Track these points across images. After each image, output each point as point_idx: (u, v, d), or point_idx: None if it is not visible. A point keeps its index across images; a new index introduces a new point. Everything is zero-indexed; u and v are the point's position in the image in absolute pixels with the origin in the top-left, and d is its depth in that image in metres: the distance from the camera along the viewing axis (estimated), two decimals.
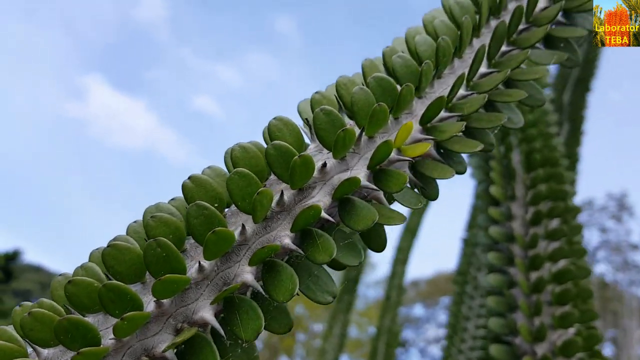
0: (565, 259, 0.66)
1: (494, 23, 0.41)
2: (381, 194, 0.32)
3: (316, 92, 0.33)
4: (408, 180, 0.32)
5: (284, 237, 0.29)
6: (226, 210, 0.30)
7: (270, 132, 0.31)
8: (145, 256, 0.27)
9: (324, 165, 0.30)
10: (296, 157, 0.28)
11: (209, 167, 0.31)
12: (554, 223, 0.68)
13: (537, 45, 0.43)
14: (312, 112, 0.31)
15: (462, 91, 0.37)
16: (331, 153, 0.31)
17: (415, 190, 0.34)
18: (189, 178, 0.29)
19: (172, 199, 0.31)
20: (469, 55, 0.38)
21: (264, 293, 0.28)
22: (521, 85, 0.40)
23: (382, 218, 0.30)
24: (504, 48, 0.40)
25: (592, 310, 0.62)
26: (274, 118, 0.31)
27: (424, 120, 0.33)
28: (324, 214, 0.29)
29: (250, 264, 0.28)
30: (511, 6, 0.42)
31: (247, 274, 0.28)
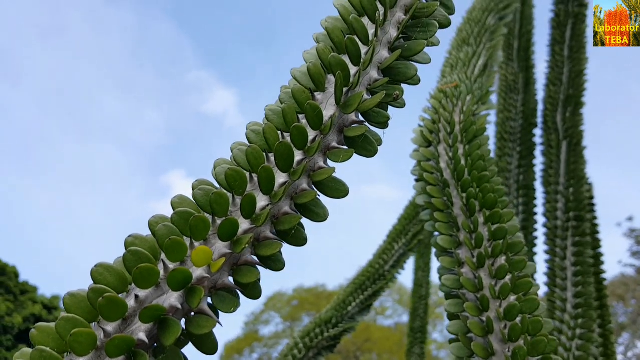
0: (513, 294, 0.65)
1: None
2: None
3: (130, 235, 0.38)
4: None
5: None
6: None
7: (93, 277, 0.36)
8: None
9: (137, 296, 0.35)
10: (108, 294, 0.33)
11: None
12: (500, 261, 0.68)
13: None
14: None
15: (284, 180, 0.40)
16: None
17: (234, 294, 0.37)
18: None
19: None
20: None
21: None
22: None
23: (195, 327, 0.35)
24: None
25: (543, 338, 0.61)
26: (96, 265, 0.36)
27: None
28: (141, 336, 0.34)
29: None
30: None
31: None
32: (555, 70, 1.59)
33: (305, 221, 0.41)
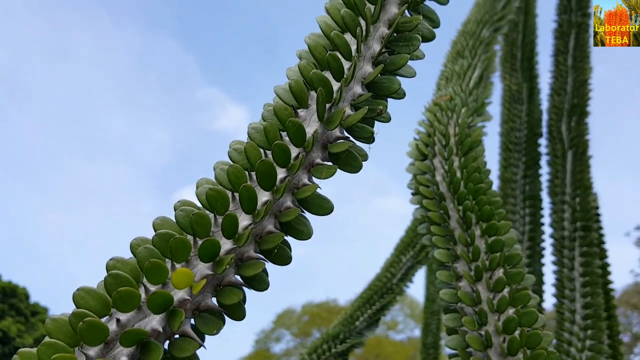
0: (512, 307, 0.64)
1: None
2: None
3: (111, 258, 0.38)
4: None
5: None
6: None
7: (74, 301, 0.36)
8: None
9: (118, 320, 0.35)
10: (88, 319, 0.33)
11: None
12: (497, 274, 0.67)
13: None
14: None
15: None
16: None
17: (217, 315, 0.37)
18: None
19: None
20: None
21: None
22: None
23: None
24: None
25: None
26: (78, 289, 0.36)
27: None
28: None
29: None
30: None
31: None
32: (559, 80, 1.58)
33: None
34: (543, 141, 1.59)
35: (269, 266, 0.39)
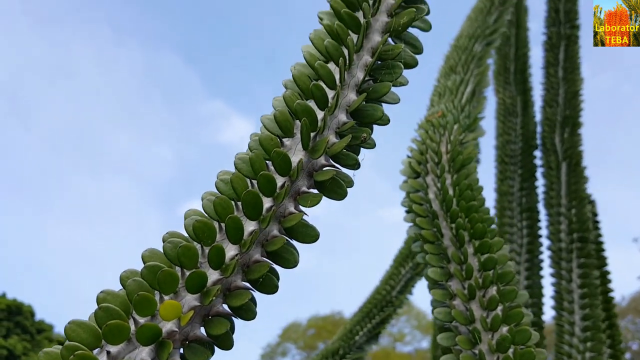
0: (505, 325, 0.65)
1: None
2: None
3: (101, 291, 0.38)
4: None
5: None
6: None
7: (66, 334, 0.37)
8: None
9: (108, 352, 0.35)
10: (79, 352, 0.34)
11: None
12: (490, 292, 0.68)
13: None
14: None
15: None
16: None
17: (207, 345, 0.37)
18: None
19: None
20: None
21: None
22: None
23: None
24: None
25: None
26: (69, 322, 0.37)
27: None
28: None
29: None
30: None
31: None
32: (550, 92, 1.59)
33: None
34: (538, 153, 1.59)
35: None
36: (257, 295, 0.40)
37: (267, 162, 0.42)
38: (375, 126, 0.46)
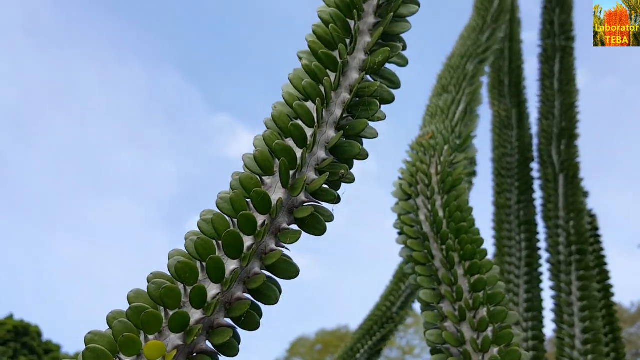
0: (496, 346, 0.66)
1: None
2: None
3: (89, 332, 0.40)
4: None
5: None
6: None
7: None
8: None
9: None
10: None
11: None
12: (481, 313, 0.69)
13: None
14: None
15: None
16: None
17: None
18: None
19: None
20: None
21: None
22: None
23: None
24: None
25: None
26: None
27: None
28: None
29: None
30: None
31: None
32: (546, 104, 1.61)
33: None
34: (535, 165, 1.60)
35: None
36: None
37: (248, 200, 0.44)
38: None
